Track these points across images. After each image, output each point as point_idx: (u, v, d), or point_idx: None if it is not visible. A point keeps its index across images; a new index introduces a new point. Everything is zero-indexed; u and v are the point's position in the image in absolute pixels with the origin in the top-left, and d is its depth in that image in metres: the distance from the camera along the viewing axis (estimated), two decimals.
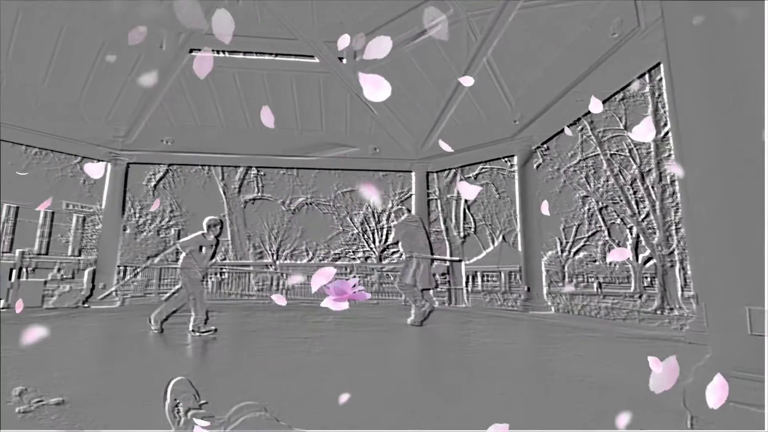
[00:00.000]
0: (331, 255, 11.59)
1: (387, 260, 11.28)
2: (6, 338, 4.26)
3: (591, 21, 6.60)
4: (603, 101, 7.76)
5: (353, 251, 11.70)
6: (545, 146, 9.13)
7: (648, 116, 7.16)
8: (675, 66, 3.02)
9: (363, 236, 11.81)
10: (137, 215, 10.84)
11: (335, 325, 6.09)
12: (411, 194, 11.11)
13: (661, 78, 6.81)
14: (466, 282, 10.41)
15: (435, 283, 6.49)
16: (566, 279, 7.88)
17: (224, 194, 11.46)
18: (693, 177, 2.73)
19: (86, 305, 8.93)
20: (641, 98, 7.87)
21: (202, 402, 1.92)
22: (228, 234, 11.36)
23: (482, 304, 9.98)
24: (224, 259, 11.16)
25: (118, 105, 9.19)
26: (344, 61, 8.87)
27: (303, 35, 8.48)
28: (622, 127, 8.06)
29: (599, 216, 8.67)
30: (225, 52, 8.81)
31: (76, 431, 2.03)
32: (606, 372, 3.39)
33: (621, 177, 8.29)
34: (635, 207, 8.13)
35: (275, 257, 11.49)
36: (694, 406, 2.32)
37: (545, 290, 8.80)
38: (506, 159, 9.93)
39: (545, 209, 8.42)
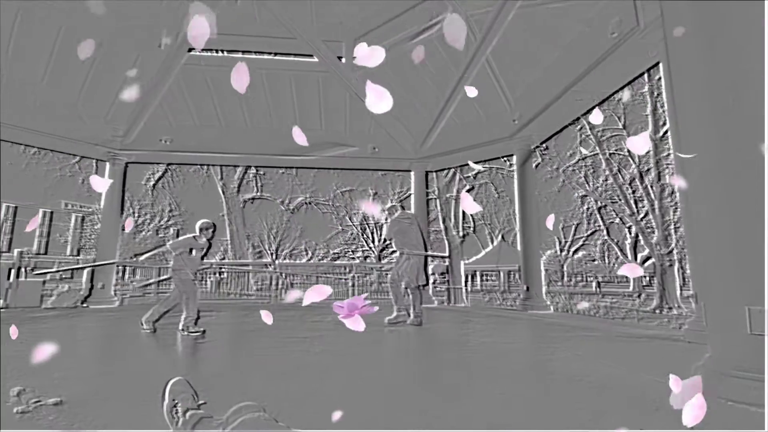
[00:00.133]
0: (330, 254, 11.58)
1: (386, 259, 11.28)
2: (5, 338, 4.25)
3: (590, 21, 6.60)
4: (602, 101, 7.78)
5: (352, 250, 11.70)
6: (544, 146, 9.13)
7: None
8: (674, 65, 3.02)
9: (362, 236, 11.82)
10: (136, 215, 10.83)
11: (334, 325, 6.09)
12: (410, 194, 11.12)
13: (660, 78, 6.81)
14: (465, 281, 10.41)
15: (425, 281, 6.42)
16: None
17: (223, 194, 11.44)
18: (692, 176, 2.73)
19: (85, 305, 8.92)
20: (640, 98, 7.87)
21: (201, 402, 1.91)
22: (227, 233, 11.35)
23: (481, 304, 9.98)
24: (223, 259, 11.16)
25: (117, 104, 9.18)
26: (343, 61, 8.86)
27: (302, 34, 8.47)
28: (621, 127, 8.07)
29: (598, 215, 8.68)
30: (224, 52, 8.80)
31: (75, 431, 2.03)
32: (605, 371, 3.40)
33: (620, 176, 8.30)
34: (634, 206, 8.14)
35: (274, 257, 11.49)
36: None
37: (544, 289, 8.82)
38: (505, 158, 9.93)
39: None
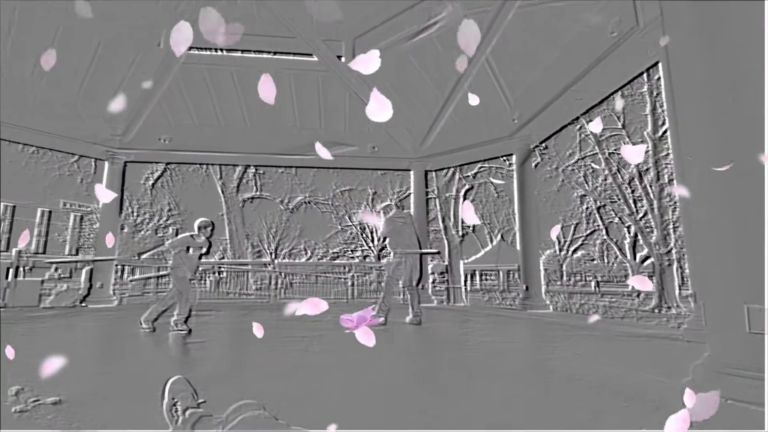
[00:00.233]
0: (330, 254, 11.58)
1: (385, 259, 11.28)
2: (5, 338, 4.24)
3: (589, 20, 6.60)
4: (601, 100, 7.79)
5: (351, 250, 11.70)
6: (544, 145, 9.14)
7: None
8: (674, 65, 3.02)
9: (361, 235, 11.82)
10: (135, 214, 10.81)
11: (333, 324, 6.09)
12: (409, 193, 11.12)
13: (660, 77, 6.82)
14: (465, 281, 10.41)
15: (418, 280, 6.42)
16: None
17: (222, 193, 11.43)
18: (692, 176, 2.73)
19: (83, 304, 8.91)
20: (639, 98, 7.88)
21: (200, 401, 1.91)
22: (226, 233, 11.34)
23: (481, 303, 9.99)
24: (222, 258, 11.15)
25: (116, 104, 9.16)
26: (343, 60, 8.85)
27: (301, 33, 8.46)
28: (620, 126, 8.07)
29: (597, 215, 8.68)
30: (222, 51, 8.78)
31: (74, 431, 2.02)
32: (604, 371, 3.40)
33: (619, 176, 8.31)
34: (633, 206, 8.14)
35: (273, 256, 11.48)
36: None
37: (543, 289, 8.83)
38: (505, 158, 9.93)
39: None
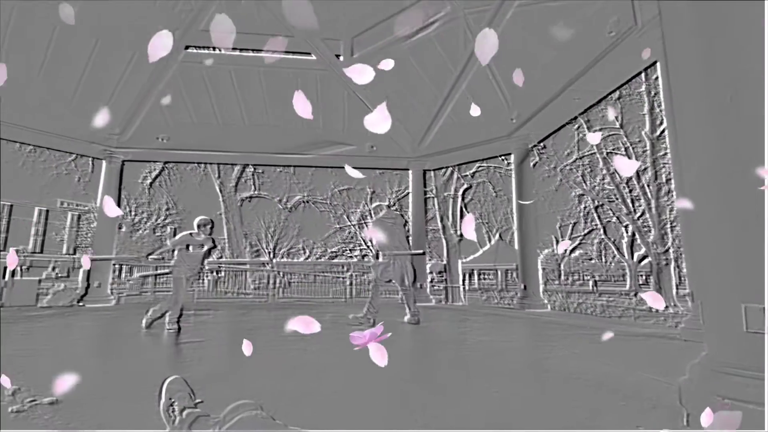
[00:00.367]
0: (328, 253, 11.57)
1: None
2: (5, 337, 4.23)
3: (588, 20, 6.60)
4: (599, 99, 7.80)
5: (350, 249, 11.68)
6: (542, 144, 9.14)
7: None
8: (672, 64, 3.02)
9: (360, 234, 11.81)
10: (133, 213, 10.77)
11: (331, 324, 6.08)
12: (408, 192, 11.11)
13: (658, 77, 6.83)
14: (463, 280, 10.41)
15: (412, 280, 6.40)
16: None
17: (220, 192, 11.39)
18: (689, 175, 2.73)
19: (81, 304, 8.88)
20: (637, 97, 7.89)
21: (198, 401, 1.90)
22: (224, 232, 11.31)
23: (479, 302, 9.99)
24: (220, 258, 11.13)
25: (114, 102, 9.13)
26: (341, 59, 8.84)
27: (300, 32, 8.44)
28: (619, 126, 8.08)
29: (595, 214, 8.67)
30: (221, 50, 8.75)
31: (70, 431, 2.01)
32: (602, 370, 3.40)
33: (617, 175, 8.31)
34: (631, 205, 8.14)
35: (272, 255, 11.46)
36: (690, 404, 2.32)
37: (541, 288, 8.84)
38: (503, 157, 9.93)
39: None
